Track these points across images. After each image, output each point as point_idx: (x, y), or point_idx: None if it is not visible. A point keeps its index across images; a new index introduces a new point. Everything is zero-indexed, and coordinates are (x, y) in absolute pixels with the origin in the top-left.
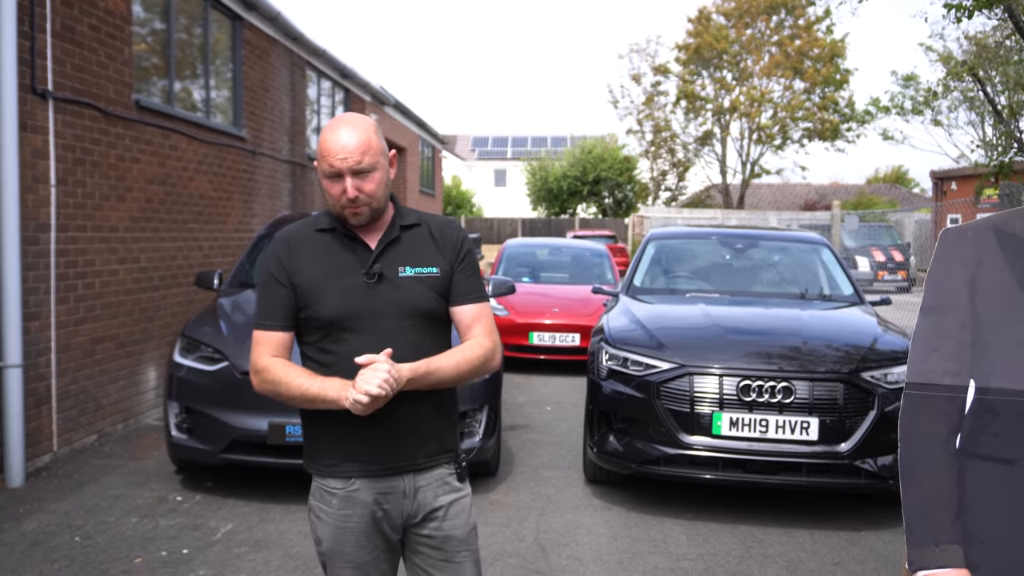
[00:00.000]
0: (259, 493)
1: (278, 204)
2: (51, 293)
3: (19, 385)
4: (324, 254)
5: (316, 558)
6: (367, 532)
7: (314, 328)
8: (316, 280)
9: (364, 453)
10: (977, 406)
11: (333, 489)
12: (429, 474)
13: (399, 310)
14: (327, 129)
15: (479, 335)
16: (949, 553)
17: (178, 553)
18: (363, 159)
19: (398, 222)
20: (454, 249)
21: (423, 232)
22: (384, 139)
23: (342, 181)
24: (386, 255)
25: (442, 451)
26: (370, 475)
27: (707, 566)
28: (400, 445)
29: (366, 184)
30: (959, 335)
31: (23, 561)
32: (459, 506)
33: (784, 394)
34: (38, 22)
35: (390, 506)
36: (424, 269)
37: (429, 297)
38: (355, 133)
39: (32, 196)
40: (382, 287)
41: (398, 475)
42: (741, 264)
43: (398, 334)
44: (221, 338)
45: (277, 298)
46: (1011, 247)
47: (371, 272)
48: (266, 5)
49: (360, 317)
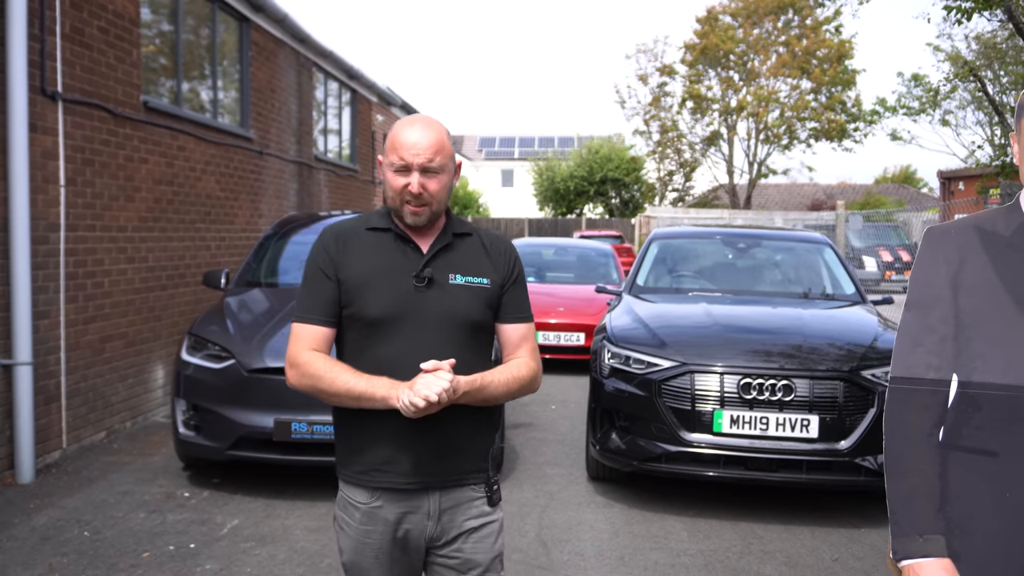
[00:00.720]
0: (265, 489)
1: (285, 204)
2: (61, 292)
3: (29, 383)
4: (374, 252)
5: (321, 552)
6: (387, 550)
7: (356, 327)
8: (364, 277)
9: (394, 463)
10: (960, 400)
11: (357, 503)
12: (457, 494)
13: (446, 317)
14: (402, 124)
15: (525, 355)
16: (932, 543)
17: (185, 548)
18: (434, 158)
19: (451, 229)
20: (507, 264)
21: (475, 242)
22: (453, 146)
23: (408, 175)
24: (437, 260)
25: (474, 471)
26: (395, 489)
27: (707, 562)
28: (432, 461)
29: (431, 183)
30: (942, 330)
31: (33, 555)
32: (486, 531)
33: (784, 392)
34: (48, 24)
35: (412, 526)
36: (475, 279)
37: (477, 308)
38: (430, 132)
39: (42, 196)
40: (431, 292)
41: (424, 492)
42: (744, 264)
43: (442, 342)
44: (228, 336)
45: (321, 292)
46: (992, 245)
47: (421, 275)
48: (273, 7)
49: (405, 320)
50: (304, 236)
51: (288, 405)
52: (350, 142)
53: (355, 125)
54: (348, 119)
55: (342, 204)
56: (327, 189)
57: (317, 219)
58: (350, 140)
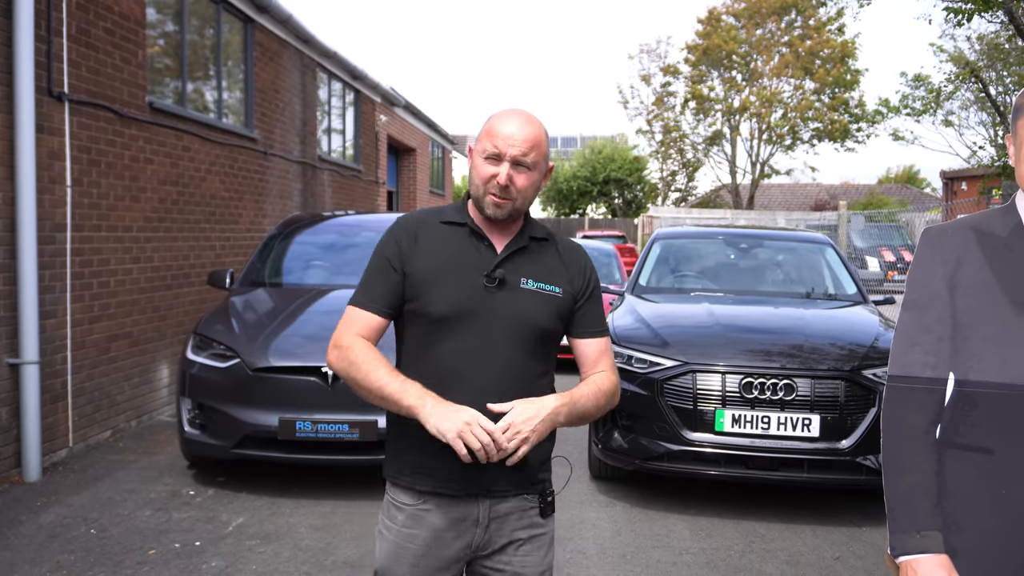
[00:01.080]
0: (270, 488)
1: (289, 204)
2: (67, 292)
3: (36, 382)
4: (446, 247)
5: (325, 549)
6: (427, 557)
7: (419, 323)
8: (433, 272)
9: (445, 470)
10: (956, 398)
11: (401, 504)
12: (509, 503)
13: (515, 321)
14: (502, 113)
15: (606, 369)
16: (929, 539)
17: (191, 545)
18: (529, 153)
19: (528, 232)
20: (583, 276)
21: (551, 249)
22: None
23: (498, 165)
24: (511, 262)
25: (529, 481)
26: (445, 495)
27: (709, 560)
28: (485, 468)
29: (520, 178)
30: (939, 330)
31: (41, 552)
32: (537, 543)
33: (786, 391)
34: (54, 26)
35: (458, 534)
36: (548, 286)
37: (547, 315)
38: (529, 126)
39: (48, 196)
40: (501, 293)
41: (474, 500)
42: (746, 264)
43: (508, 346)
44: (233, 336)
45: (384, 281)
46: (989, 246)
47: (493, 275)
48: (278, 8)
49: (472, 319)
50: (308, 236)
51: (292, 404)
52: (354, 142)
53: (359, 125)
54: (352, 119)
55: (346, 204)
56: (331, 189)
57: (321, 219)
58: (354, 140)
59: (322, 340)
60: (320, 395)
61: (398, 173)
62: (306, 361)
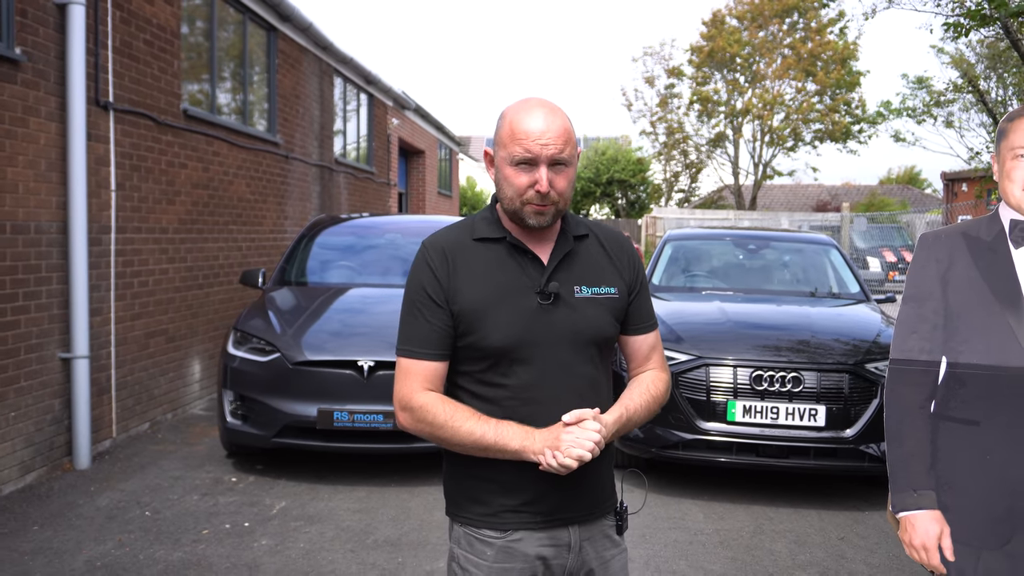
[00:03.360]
0: (307, 474)
1: (308, 206)
2: (111, 290)
3: (86, 375)
4: (488, 270)
5: (366, 530)
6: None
7: (476, 358)
8: (482, 302)
9: (531, 504)
10: (948, 378)
11: (488, 538)
12: (592, 526)
13: (577, 337)
14: (519, 110)
15: (657, 367)
16: (925, 497)
17: (240, 526)
18: (565, 148)
19: (570, 232)
20: (632, 268)
21: (594, 244)
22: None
23: (534, 171)
24: (561, 271)
25: (605, 500)
26: (533, 527)
27: (722, 540)
28: (567, 495)
29: (560, 179)
30: (934, 320)
31: (102, 531)
32: (618, 562)
33: (793, 383)
34: (101, 39)
35: (554, 560)
36: (602, 289)
37: (608, 322)
38: (556, 118)
39: (95, 200)
40: (559, 310)
41: (563, 527)
42: (754, 264)
43: (572, 366)
44: (272, 332)
45: (431, 321)
46: (976, 248)
47: (546, 292)
48: (299, 16)
49: (533, 345)
50: (335, 237)
51: (330, 395)
52: (367, 145)
53: (371, 128)
54: (365, 123)
55: (360, 206)
56: (346, 191)
57: (345, 221)
58: (367, 143)
59: (355, 336)
60: (356, 387)
61: (408, 175)
62: (342, 355)
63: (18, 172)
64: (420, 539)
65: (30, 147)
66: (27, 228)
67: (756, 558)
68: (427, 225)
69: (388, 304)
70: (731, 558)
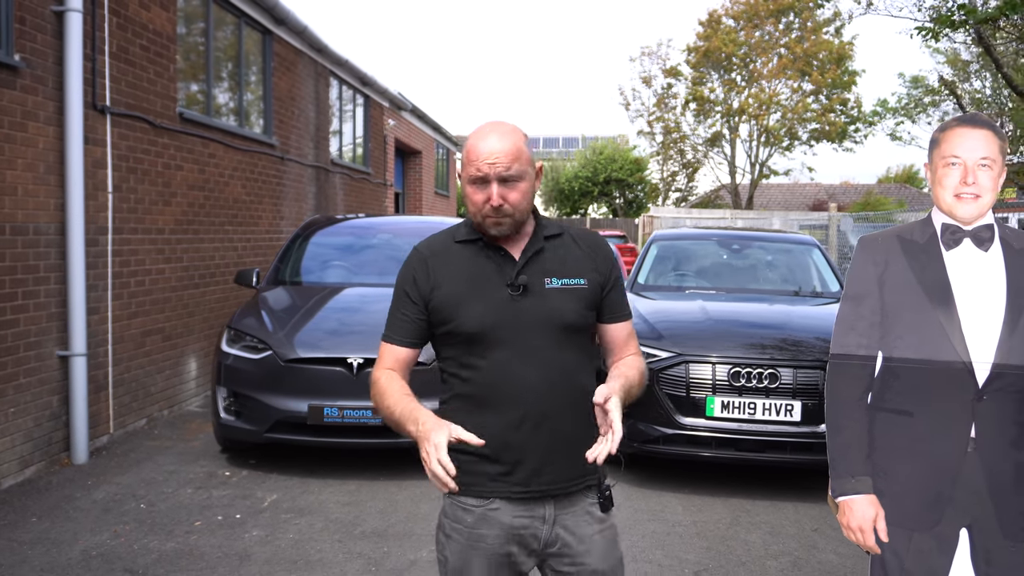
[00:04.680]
0: (298, 469)
1: (304, 207)
2: (108, 290)
3: (84, 372)
4: (465, 266)
5: (354, 522)
6: (498, 557)
7: (456, 343)
8: (457, 294)
9: (507, 475)
10: (883, 371)
11: (469, 506)
12: (572, 502)
13: (545, 323)
14: (475, 135)
15: (635, 352)
16: (862, 483)
17: (232, 518)
18: (512, 166)
19: (541, 233)
20: (605, 263)
21: (566, 242)
22: (531, 150)
23: (487, 188)
24: (531, 266)
25: (583, 477)
26: (510, 498)
27: (699, 531)
28: (543, 470)
29: (511, 193)
30: (871, 318)
31: (98, 522)
32: (602, 538)
33: (770, 380)
34: (98, 45)
35: (528, 531)
36: (571, 280)
37: (575, 309)
38: (505, 139)
39: (93, 202)
40: (527, 300)
41: (540, 500)
42: (738, 263)
43: (543, 348)
44: (265, 330)
45: (405, 314)
46: (910, 251)
47: (516, 284)
48: (294, 20)
49: (505, 330)
50: (328, 238)
51: (320, 392)
52: (363, 146)
53: (368, 129)
54: (361, 124)
55: (356, 206)
56: (342, 192)
57: (339, 221)
58: (363, 144)
59: (346, 334)
60: (346, 384)
61: (404, 175)
62: (333, 353)
63: (17, 175)
64: (406, 530)
65: (29, 151)
66: (26, 229)
67: (730, 548)
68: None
69: (379, 304)
70: (706, 548)
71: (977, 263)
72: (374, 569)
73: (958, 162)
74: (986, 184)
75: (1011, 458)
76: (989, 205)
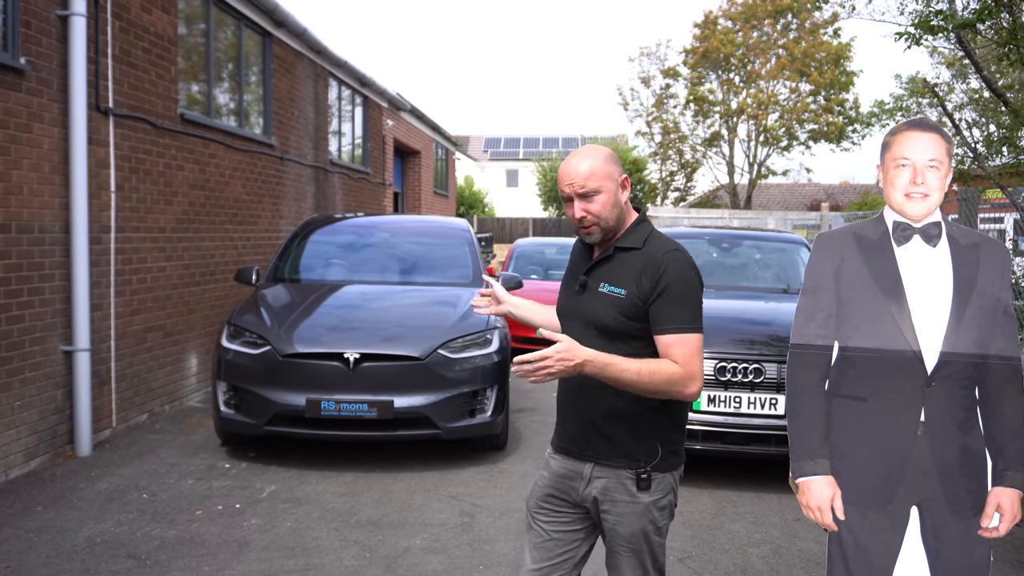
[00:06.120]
0: (296, 461)
1: (303, 206)
2: (111, 287)
3: (87, 367)
4: (572, 260)
5: (350, 511)
6: (546, 496)
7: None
8: (563, 281)
9: (560, 434)
10: (840, 360)
11: (548, 454)
12: (611, 472)
13: (589, 320)
14: (564, 160)
15: (674, 358)
16: (820, 464)
17: (232, 507)
18: (586, 184)
19: (619, 244)
20: (652, 279)
21: (634, 256)
22: (618, 166)
23: (572, 205)
24: (597, 269)
25: (624, 456)
26: (559, 452)
27: (685, 521)
28: (586, 438)
29: (592, 205)
30: (828, 310)
31: (102, 512)
32: (628, 508)
33: (755, 374)
34: (101, 48)
35: (567, 484)
36: (615, 288)
37: (610, 314)
38: (582, 161)
39: (96, 201)
40: (584, 296)
41: (579, 460)
42: (729, 262)
43: (584, 338)
44: (264, 326)
45: None
46: (865, 247)
47: (581, 282)
48: (294, 22)
49: (568, 317)
50: (326, 236)
51: (318, 386)
52: (362, 146)
53: (367, 130)
54: (360, 124)
55: (355, 206)
56: (341, 191)
57: (337, 220)
58: (362, 144)
59: (343, 330)
60: (343, 378)
61: (403, 175)
62: (330, 348)
63: (23, 175)
64: (400, 519)
65: (34, 151)
66: (31, 228)
67: (714, 536)
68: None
69: (376, 300)
70: (691, 536)
71: (926, 258)
72: (368, 556)
73: (908, 163)
74: (934, 184)
75: (958, 440)
76: (937, 203)
